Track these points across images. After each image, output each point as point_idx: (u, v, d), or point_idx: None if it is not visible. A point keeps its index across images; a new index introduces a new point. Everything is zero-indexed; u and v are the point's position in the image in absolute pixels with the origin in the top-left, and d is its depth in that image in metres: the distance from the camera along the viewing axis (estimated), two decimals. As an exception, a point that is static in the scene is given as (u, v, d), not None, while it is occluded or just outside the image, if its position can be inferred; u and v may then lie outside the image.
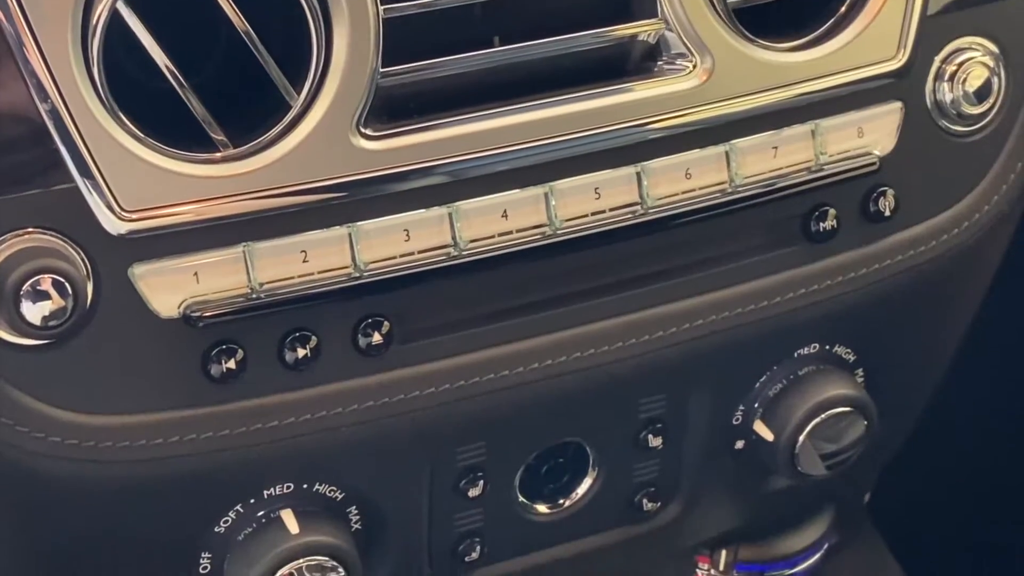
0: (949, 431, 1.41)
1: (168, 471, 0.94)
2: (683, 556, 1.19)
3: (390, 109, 0.92)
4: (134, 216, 0.87)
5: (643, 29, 0.95)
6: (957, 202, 1.06)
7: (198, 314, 0.90)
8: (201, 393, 0.93)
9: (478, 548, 1.08)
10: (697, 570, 1.20)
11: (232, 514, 0.98)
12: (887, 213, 1.03)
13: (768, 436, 1.09)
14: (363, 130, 0.90)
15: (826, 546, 1.22)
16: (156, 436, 0.93)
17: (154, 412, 0.93)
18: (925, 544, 1.36)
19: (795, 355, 1.08)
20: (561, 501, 1.09)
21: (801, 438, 1.08)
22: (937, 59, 1.03)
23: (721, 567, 1.20)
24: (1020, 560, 1.50)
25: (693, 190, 0.98)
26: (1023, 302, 1.42)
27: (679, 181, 0.97)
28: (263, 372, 0.94)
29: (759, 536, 1.19)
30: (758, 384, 1.08)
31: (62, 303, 0.88)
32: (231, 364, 0.92)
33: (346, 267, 0.92)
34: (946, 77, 1.04)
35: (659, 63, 0.96)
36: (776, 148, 0.99)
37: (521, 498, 1.08)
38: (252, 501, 0.98)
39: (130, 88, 0.88)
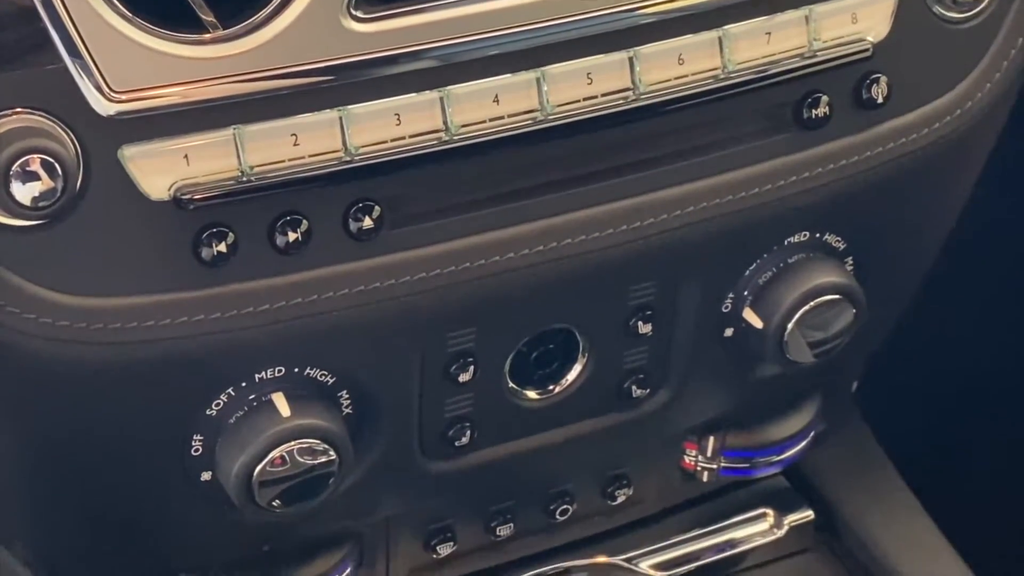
0: (937, 321, 1.41)
1: (159, 354, 0.94)
2: (671, 442, 1.19)
3: (381, -9, 0.90)
4: (123, 97, 0.86)
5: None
6: (950, 89, 1.05)
7: (188, 196, 0.89)
8: (192, 276, 0.92)
9: (468, 433, 1.07)
10: (685, 456, 1.20)
11: (223, 397, 0.98)
12: (880, 100, 1.02)
13: (757, 324, 1.08)
14: (354, 12, 0.89)
15: (813, 433, 1.22)
16: (147, 319, 0.92)
17: (145, 295, 0.92)
18: (911, 432, 1.36)
19: (785, 243, 1.07)
20: (551, 387, 1.09)
21: (790, 326, 1.07)
22: (932, -56, 1.02)
23: (709, 453, 1.19)
24: (1005, 449, 1.50)
25: (685, 76, 0.96)
26: (1015, 194, 1.42)
27: (671, 67, 0.96)
28: (254, 256, 0.92)
29: (747, 423, 1.19)
30: (748, 272, 1.07)
31: (52, 184, 0.86)
32: (222, 247, 0.91)
33: (336, 151, 0.91)
34: (941, -38, 1.02)
35: (652, -53, 0.95)
36: (769, 34, 0.97)
37: (511, 384, 1.07)
38: (243, 385, 0.98)
39: (119, -33, 0.86)
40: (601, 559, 1.20)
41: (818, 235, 1.08)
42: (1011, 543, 1.47)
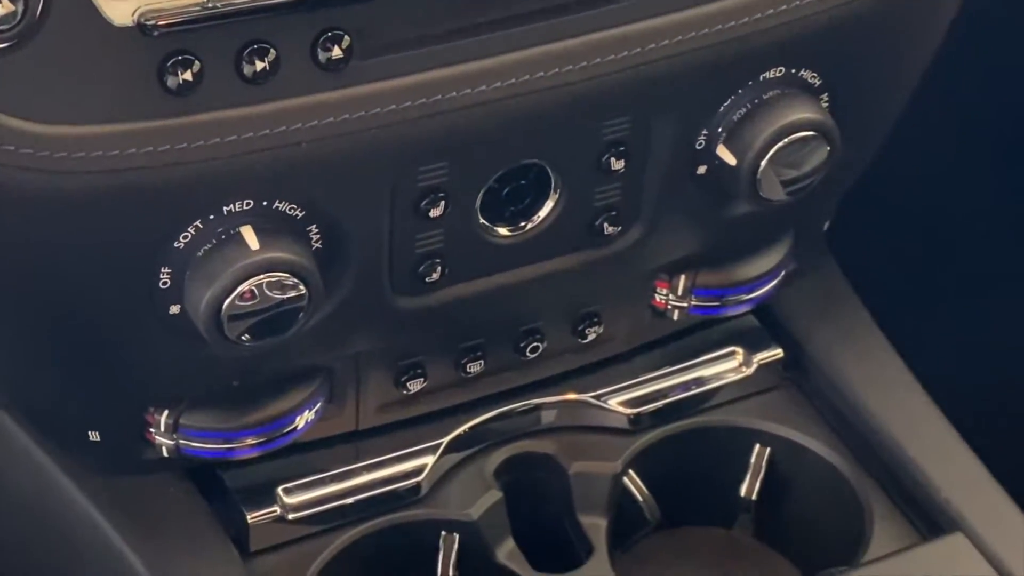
0: (910, 161, 1.39)
1: (125, 184, 0.91)
2: (642, 281, 1.17)
3: None
4: (82, -84, 0.82)
5: None
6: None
7: (152, 22, 0.85)
8: (158, 105, 0.89)
9: (439, 269, 1.05)
10: (656, 295, 1.18)
11: (191, 230, 0.95)
12: (856, -71, 0.99)
13: (731, 160, 1.06)
14: None
15: (783, 273, 1.20)
16: (112, 147, 0.89)
17: (110, 123, 0.88)
18: (881, 272, 1.35)
19: (760, 78, 1.04)
20: (522, 224, 1.06)
21: (763, 163, 1.05)
22: None
23: (679, 292, 1.17)
24: (973, 287, 1.50)
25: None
26: (990, 40, 1.39)
27: None
28: (221, 85, 0.89)
29: (718, 262, 1.17)
30: (722, 108, 1.04)
31: (11, 7, 0.83)
32: (187, 76, 0.88)
33: (304, -23, 0.87)
34: None
35: None
36: None
37: (482, 220, 1.05)
38: (211, 217, 0.95)
39: None
40: (571, 396, 1.19)
41: (793, 71, 1.05)
42: (979, 379, 1.47)
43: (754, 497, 1.22)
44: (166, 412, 1.07)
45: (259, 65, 0.89)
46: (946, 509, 1.14)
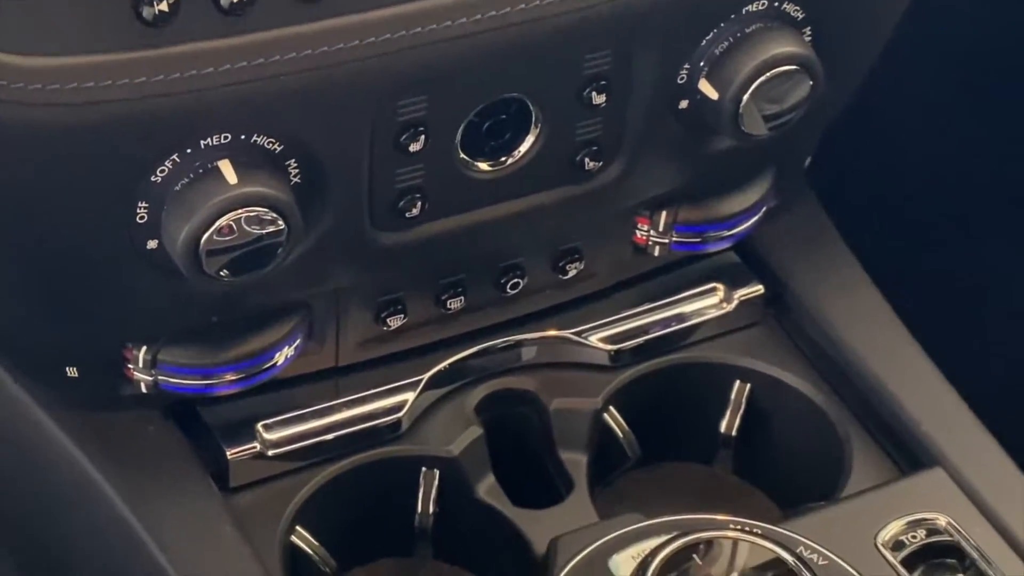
0: (891, 97, 1.38)
1: (101, 117, 0.89)
2: (624, 217, 1.15)
3: None
4: None
5: None
6: None
7: (127, -49, 0.84)
8: (133, 36, 0.87)
9: (419, 204, 1.04)
10: (637, 231, 1.17)
11: (168, 164, 0.93)
12: None
13: (713, 95, 1.04)
14: None
15: (764, 209, 1.18)
16: (87, 79, 0.87)
17: (85, 55, 0.87)
18: (862, 208, 1.34)
19: (743, 11, 1.02)
20: (503, 159, 1.05)
21: (745, 97, 1.03)
22: None
23: (661, 228, 1.16)
24: (954, 222, 1.49)
25: None
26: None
27: None
28: (198, 16, 0.87)
29: (699, 198, 1.16)
30: (704, 41, 1.03)
31: (-16, -62, 0.82)
32: (163, 6, 0.86)
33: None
34: None
35: None
36: None
37: (463, 155, 1.03)
38: (188, 151, 0.93)
39: None
40: (551, 332, 1.18)
41: (776, 3, 1.03)
42: (958, 312, 1.46)
43: (734, 433, 1.21)
44: (144, 348, 1.05)
45: (236, -4, 0.88)
46: (925, 443, 1.13)
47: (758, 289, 1.22)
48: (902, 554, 1.07)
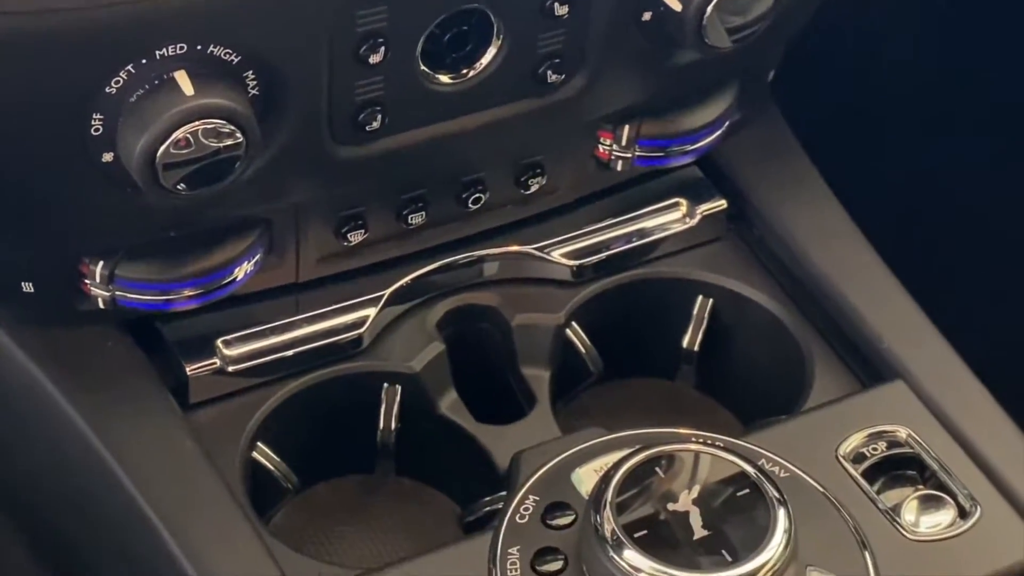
0: (858, 9, 1.36)
1: (53, 26, 0.87)
2: (586, 131, 1.14)
3: None
4: None
5: None
6: None
7: None
8: (84, -58, 0.85)
9: (379, 118, 1.02)
10: (599, 145, 1.15)
11: (123, 75, 0.91)
12: None
13: (676, 7, 1.02)
14: None
15: (727, 123, 1.17)
16: (38, -13, 0.85)
17: (34, -38, 0.85)
18: (826, 123, 1.32)
19: (707, -79, 1.01)
20: (464, 71, 1.03)
21: (709, 9, 1.01)
22: None
23: (623, 142, 1.14)
24: (919, 137, 1.48)
25: None
26: None
27: None
28: (150, -78, 0.86)
29: (662, 112, 1.14)
30: (667, -48, 1.01)
31: None
32: (114, -89, 0.84)
33: None
34: None
35: None
36: None
37: (423, 67, 1.01)
38: (143, 62, 0.91)
39: None
40: (514, 248, 1.16)
41: (740, -86, 1.02)
42: (919, 226, 1.45)
43: (696, 348, 1.20)
44: (101, 263, 1.03)
45: (189, -100, 0.85)
46: (887, 357, 1.12)
47: (721, 204, 1.21)
48: (863, 466, 1.06)
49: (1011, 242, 1.47)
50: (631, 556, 0.96)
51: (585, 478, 1.05)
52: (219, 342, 1.09)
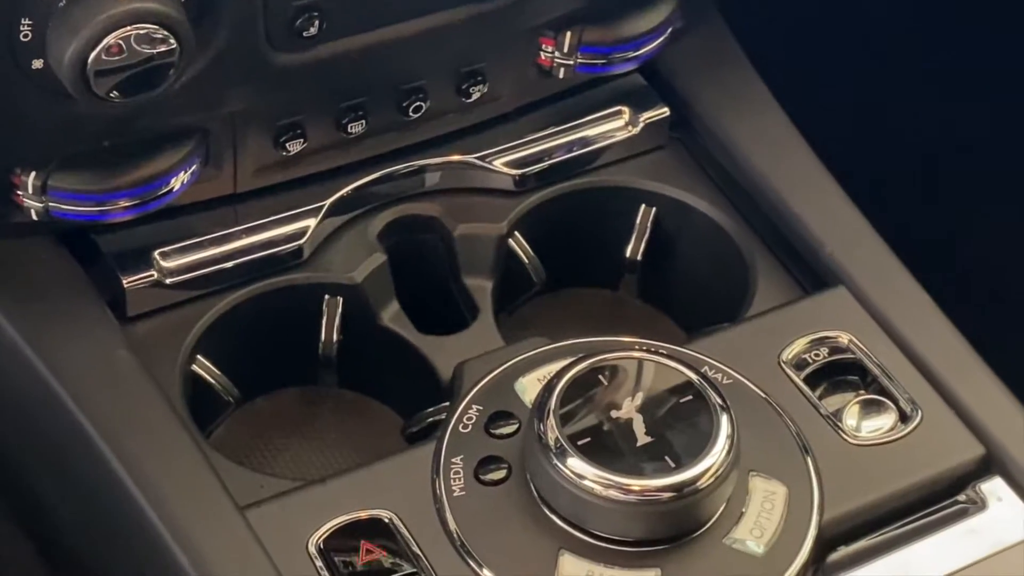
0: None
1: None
2: (528, 37, 1.11)
3: None
4: None
5: None
6: None
7: None
8: None
9: (316, 23, 0.99)
10: (541, 52, 1.13)
11: (51, -24, 0.89)
12: None
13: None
14: None
15: (670, 29, 1.15)
16: None
17: None
18: (768, 29, 1.31)
19: None
20: (403, -25, 1.01)
21: (650, -90, 1.00)
22: None
23: (565, 49, 1.12)
24: (861, 42, 1.46)
25: None
26: None
27: None
28: None
29: (604, 18, 1.12)
30: None
31: None
32: None
33: None
34: None
35: None
36: None
37: (361, -29, 1.00)
38: (71, -33, 0.89)
39: None
40: (455, 157, 1.14)
41: None
42: (860, 132, 1.45)
43: (639, 258, 1.19)
44: (34, 173, 1.01)
45: None
46: (829, 264, 1.11)
47: (664, 112, 1.19)
48: (805, 372, 1.06)
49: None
50: (575, 463, 0.96)
51: (528, 387, 1.05)
52: (156, 254, 1.07)
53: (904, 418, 1.04)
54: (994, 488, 1.02)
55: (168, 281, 1.07)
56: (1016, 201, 1.50)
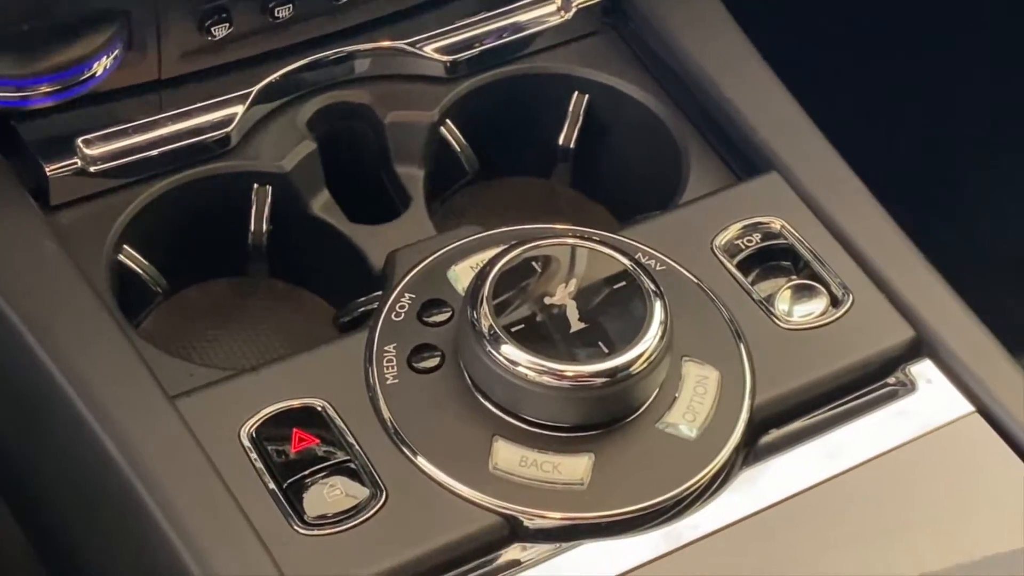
0: None
1: None
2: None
3: None
4: None
5: None
6: None
7: None
8: None
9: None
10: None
11: None
12: None
13: None
14: None
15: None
16: None
17: None
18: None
19: None
20: None
21: None
22: None
23: (496, -69, 1.11)
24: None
25: None
26: None
27: None
28: None
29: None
30: None
31: None
32: None
33: None
34: None
35: None
36: None
37: None
38: None
39: None
40: (385, 43, 1.12)
41: None
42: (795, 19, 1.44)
43: (572, 145, 1.18)
44: (-51, 58, 0.98)
45: None
46: (762, 149, 1.10)
47: (596, -3, 1.17)
48: (738, 258, 1.05)
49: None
50: (508, 350, 0.95)
51: (461, 275, 1.04)
52: (80, 141, 1.04)
53: (835, 302, 1.04)
54: (923, 370, 1.02)
55: (92, 169, 1.04)
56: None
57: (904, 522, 0.96)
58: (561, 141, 1.18)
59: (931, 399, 1.01)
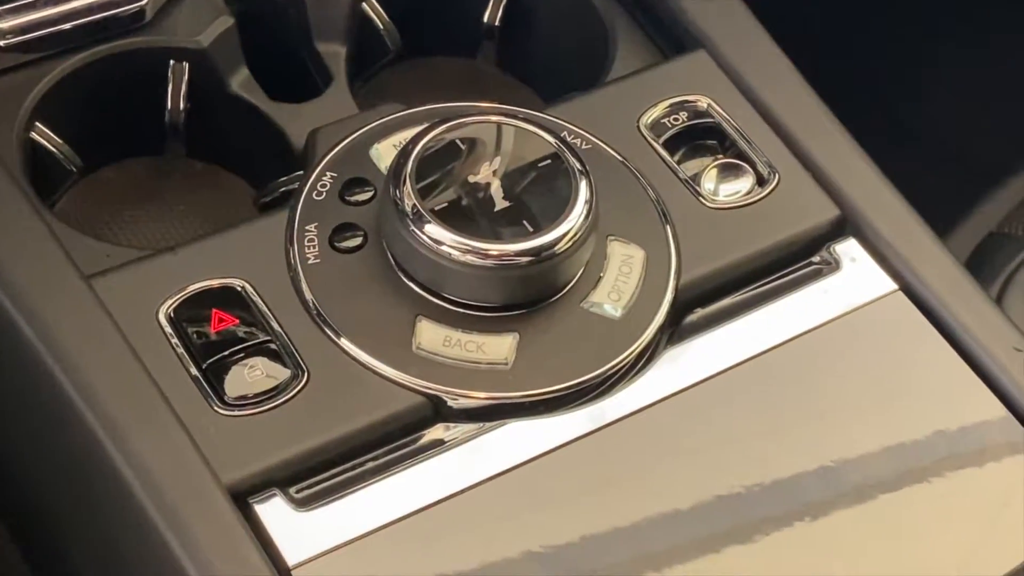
0: None
1: None
2: None
3: None
4: None
5: None
6: None
7: None
8: None
9: None
10: None
11: None
12: None
13: None
14: None
15: None
16: None
17: None
18: None
19: None
20: None
21: None
22: None
23: None
24: None
25: None
26: None
27: None
28: None
29: None
30: None
31: None
32: None
33: None
34: None
35: None
36: None
37: None
38: None
39: None
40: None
41: None
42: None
43: (497, 23, 1.15)
44: None
45: None
46: (690, 28, 1.08)
47: None
48: (664, 137, 1.04)
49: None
50: (432, 229, 0.93)
51: (384, 153, 1.01)
52: (-12, 11, 1.01)
53: (761, 181, 1.03)
54: (848, 249, 1.02)
55: (2, 44, 1.00)
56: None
57: (827, 399, 0.96)
58: (486, 19, 1.15)
59: (856, 278, 1.01)
